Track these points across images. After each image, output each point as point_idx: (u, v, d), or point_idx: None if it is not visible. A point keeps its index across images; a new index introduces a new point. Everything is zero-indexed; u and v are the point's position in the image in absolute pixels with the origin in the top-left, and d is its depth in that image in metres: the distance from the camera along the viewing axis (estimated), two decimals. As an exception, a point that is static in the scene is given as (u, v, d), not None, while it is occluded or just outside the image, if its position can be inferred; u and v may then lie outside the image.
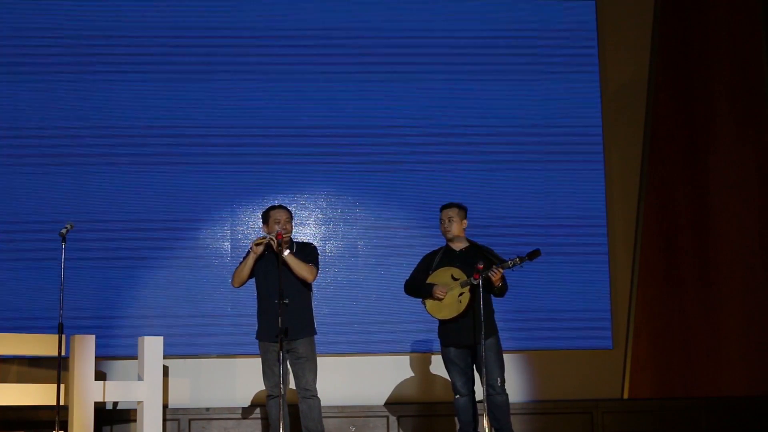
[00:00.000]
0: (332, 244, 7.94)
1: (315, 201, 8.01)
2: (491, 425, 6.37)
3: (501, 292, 6.30)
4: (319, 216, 8.00)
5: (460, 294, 6.23)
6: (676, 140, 8.29)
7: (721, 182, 8.23)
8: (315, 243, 7.77)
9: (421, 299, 6.41)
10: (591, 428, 7.58)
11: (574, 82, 8.23)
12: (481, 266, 6.10)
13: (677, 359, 8.03)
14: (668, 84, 8.34)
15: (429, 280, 6.35)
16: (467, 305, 6.21)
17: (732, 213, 8.20)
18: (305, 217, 7.97)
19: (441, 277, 6.27)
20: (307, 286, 6.33)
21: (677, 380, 7.99)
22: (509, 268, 6.16)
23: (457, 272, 6.27)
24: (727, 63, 8.38)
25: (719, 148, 8.28)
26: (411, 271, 6.56)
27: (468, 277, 6.20)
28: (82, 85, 7.92)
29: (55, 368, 6.07)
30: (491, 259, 6.31)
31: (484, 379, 6.24)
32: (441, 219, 6.46)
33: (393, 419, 7.52)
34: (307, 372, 6.22)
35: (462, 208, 6.47)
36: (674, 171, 8.26)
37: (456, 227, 6.40)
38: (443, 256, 6.39)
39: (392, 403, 7.63)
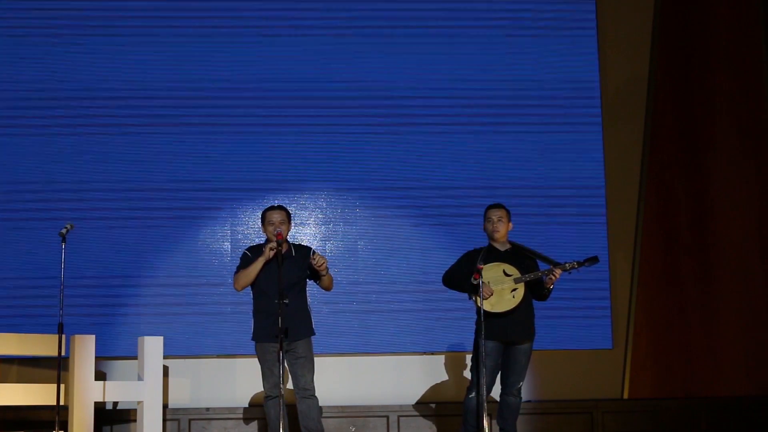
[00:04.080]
0: (332, 244, 7.94)
1: (315, 201, 8.01)
2: (498, 424, 6.39)
3: (549, 294, 6.34)
4: (319, 216, 8.00)
5: (513, 289, 6.23)
6: (676, 140, 8.29)
7: (721, 182, 8.23)
8: (315, 243, 7.80)
9: (467, 293, 6.35)
10: (591, 428, 7.58)
11: (574, 81, 8.22)
12: (481, 267, 6.12)
13: (677, 359, 8.02)
14: (668, 84, 8.34)
15: None
16: (520, 301, 6.22)
17: (732, 213, 8.20)
18: (305, 217, 7.97)
19: (492, 272, 6.22)
20: (304, 286, 6.32)
21: (677, 380, 7.99)
22: (566, 270, 6.23)
23: (509, 268, 6.26)
24: (727, 63, 8.38)
25: (719, 147, 8.28)
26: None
27: (522, 274, 6.21)
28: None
29: (55, 368, 6.06)
30: (536, 259, 6.36)
31: (505, 379, 6.29)
32: (489, 218, 6.40)
33: (393, 419, 7.52)
34: (306, 371, 6.21)
35: (508, 211, 6.45)
36: (674, 171, 8.25)
37: (504, 227, 6.39)
38: (486, 256, 6.34)
39: (392, 403, 7.62)
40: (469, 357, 6.87)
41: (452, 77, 8.15)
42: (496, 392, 6.44)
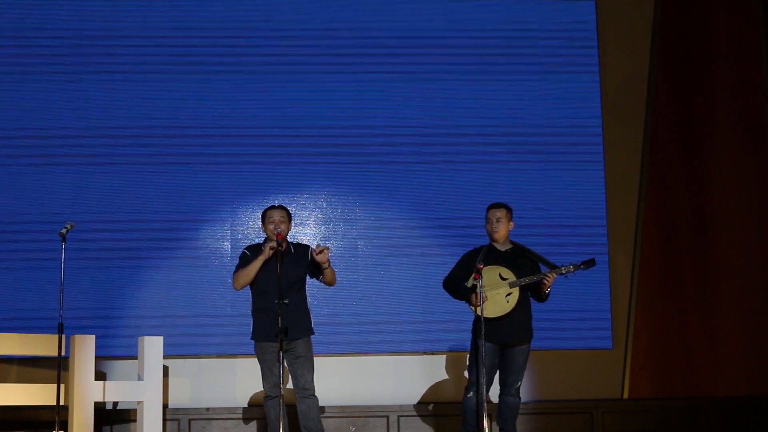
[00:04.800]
0: (332, 244, 7.92)
1: (315, 201, 8.01)
2: (498, 425, 6.39)
3: (547, 297, 6.32)
4: (319, 216, 8.00)
5: (508, 294, 6.22)
6: (676, 140, 8.29)
7: (721, 182, 8.24)
8: (315, 243, 7.79)
9: (463, 300, 6.36)
10: (591, 428, 7.58)
11: (574, 82, 8.23)
12: (481, 266, 6.11)
13: (677, 359, 8.03)
14: (668, 84, 8.34)
15: None
16: (515, 306, 6.21)
17: (732, 213, 8.20)
18: (305, 217, 7.97)
19: (487, 275, 6.20)
20: (304, 285, 6.32)
21: (677, 380, 7.99)
22: (562, 274, 6.21)
23: (505, 272, 6.25)
24: (727, 63, 8.39)
25: (719, 147, 8.28)
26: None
27: (518, 278, 6.20)
28: (83, 86, 7.92)
29: (55, 368, 6.06)
30: (536, 261, 6.36)
31: (504, 380, 6.28)
32: (488, 218, 6.40)
33: (393, 419, 7.52)
34: (306, 371, 6.21)
35: (509, 209, 6.44)
36: (674, 171, 8.26)
37: (503, 228, 6.37)
38: (486, 256, 6.34)
39: (392, 403, 7.62)
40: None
41: (449, 82, 8.17)
42: (493, 393, 6.44)
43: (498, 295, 6.20)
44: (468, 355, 6.45)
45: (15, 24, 7.94)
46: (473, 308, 6.26)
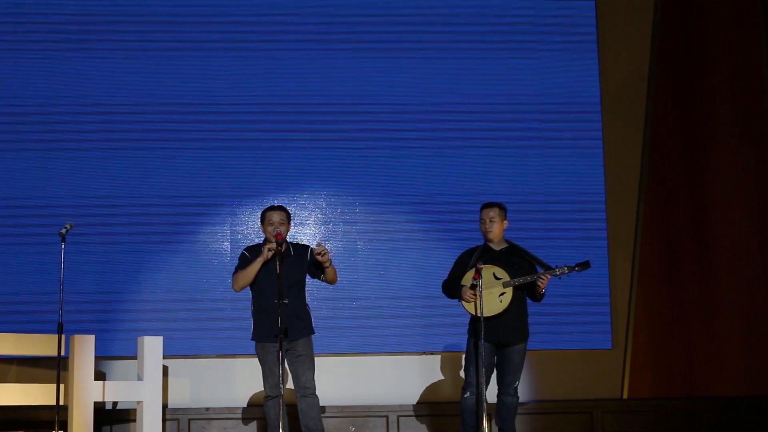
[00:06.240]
0: (332, 244, 7.93)
1: (315, 201, 8.01)
2: (497, 425, 6.39)
3: (542, 297, 6.32)
4: (319, 216, 8.00)
5: (501, 294, 6.22)
6: (676, 140, 8.29)
7: (721, 182, 8.24)
8: (315, 242, 7.79)
9: (458, 298, 6.36)
10: (591, 428, 7.58)
11: (574, 81, 8.23)
12: (481, 266, 6.11)
13: (677, 359, 8.03)
14: (668, 84, 8.34)
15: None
16: (508, 305, 6.21)
17: (732, 213, 8.20)
18: (305, 217, 7.98)
19: (483, 274, 6.19)
20: (303, 286, 6.32)
21: (677, 380, 7.99)
22: (556, 276, 6.19)
23: (499, 271, 6.24)
24: (727, 63, 8.39)
25: (719, 148, 8.28)
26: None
27: (511, 278, 6.20)
28: (85, 81, 7.95)
29: (55, 368, 6.06)
30: (531, 261, 6.34)
31: (502, 379, 6.28)
32: (482, 218, 6.40)
33: (393, 419, 7.52)
34: (306, 370, 6.20)
35: (503, 209, 6.43)
36: (674, 171, 8.26)
37: (497, 228, 6.37)
38: (481, 255, 6.34)
39: (392, 403, 7.62)
40: (467, 357, 6.87)
41: (451, 85, 8.16)
42: (491, 393, 6.43)
43: (491, 295, 6.20)
44: (464, 356, 6.44)
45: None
46: (465, 305, 6.26)
